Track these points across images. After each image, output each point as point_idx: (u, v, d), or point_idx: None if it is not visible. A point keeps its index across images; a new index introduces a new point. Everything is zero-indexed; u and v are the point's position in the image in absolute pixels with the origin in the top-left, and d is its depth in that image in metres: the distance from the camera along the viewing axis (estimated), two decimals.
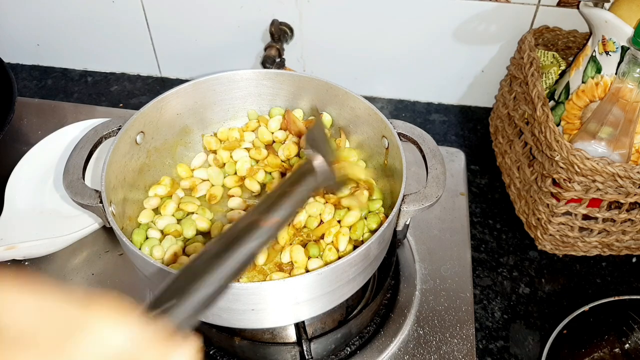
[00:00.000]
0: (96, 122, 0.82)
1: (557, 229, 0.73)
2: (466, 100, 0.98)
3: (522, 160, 0.78)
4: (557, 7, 0.82)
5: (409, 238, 0.75)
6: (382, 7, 0.85)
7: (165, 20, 0.93)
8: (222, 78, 0.66)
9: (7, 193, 0.75)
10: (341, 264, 0.49)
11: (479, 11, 0.84)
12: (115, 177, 0.58)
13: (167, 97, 0.63)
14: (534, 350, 0.67)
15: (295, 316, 0.54)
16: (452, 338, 0.66)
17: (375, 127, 0.63)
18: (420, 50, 0.91)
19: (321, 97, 0.67)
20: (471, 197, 0.83)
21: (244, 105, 0.70)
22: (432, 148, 0.59)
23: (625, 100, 0.64)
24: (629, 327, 0.66)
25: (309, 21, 0.89)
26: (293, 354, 0.61)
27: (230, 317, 0.52)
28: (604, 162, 0.62)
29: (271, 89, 0.69)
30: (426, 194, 0.56)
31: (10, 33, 1.01)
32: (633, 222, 0.71)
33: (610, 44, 0.67)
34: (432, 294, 0.70)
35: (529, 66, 0.74)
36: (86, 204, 0.54)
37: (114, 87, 1.02)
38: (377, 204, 0.63)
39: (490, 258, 0.76)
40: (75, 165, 0.57)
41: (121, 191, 0.60)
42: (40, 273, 0.71)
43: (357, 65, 0.94)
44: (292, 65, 0.95)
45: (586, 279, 0.75)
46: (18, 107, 0.79)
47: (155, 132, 0.65)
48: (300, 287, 0.50)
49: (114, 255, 0.73)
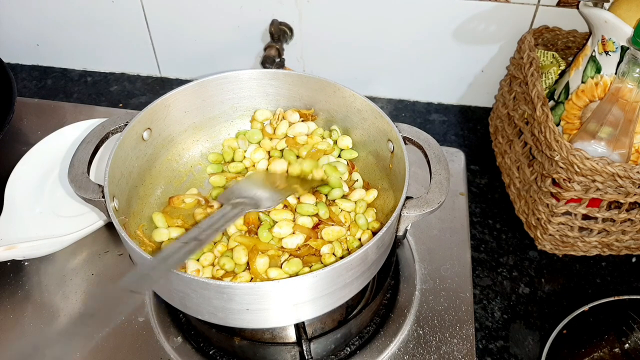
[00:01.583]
0: (96, 122, 0.83)
1: (557, 228, 0.73)
2: (466, 100, 0.98)
3: (521, 160, 0.78)
4: (556, 7, 0.82)
5: (408, 238, 0.75)
6: (381, 7, 0.85)
7: (165, 20, 0.93)
8: (230, 77, 0.67)
9: (7, 193, 0.75)
10: (337, 267, 0.49)
11: (479, 11, 0.84)
12: (120, 172, 0.59)
13: (174, 94, 0.64)
14: (533, 350, 0.67)
15: (291, 317, 0.54)
16: (452, 338, 0.66)
17: (381, 130, 0.63)
18: (420, 50, 0.91)
19: (328, 98, 0.67)
20: (471, 197, 0.83)
21: (250, 104, 0.70)
22: (437, 153, 0.59)
23: (625, 100, 0.64)
24: (628, 327, 0.66)
25: (308, 21, 0.89)
26: (293, 354, 0.61)
27: (225, 316, 0.52)
28: (603, 162, 0.62)
29: (278, 89, 0.69)
30: (428, 199, 0.55)
31: (10, 33, 1.01)
32: (633, 222, 0.71)
33: (610, 43, 0.67)
34: (432, 294, 0.70)
35: (529, 66, 0.74)
36: (89, 198, 0.54)
37: (114, 87, 1.02)
38: (369, 218, 0.63)
39: (490, 258, 0.76)
40: (81, 159, 0.57)
41: (126, 187, 0.61)
42: (40, 273, 0.71)
43: (357, 65, 0.94)
44: (292, 65, 0.95)
45: (586, 279, 0.75)
46: (18, 107, 0.79)
47: (163, 129, 0.65)
48: (294, 289, 0.50)
49: (114, 255, 0.73)
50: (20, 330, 0.66)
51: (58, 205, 0.76)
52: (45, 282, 0.70)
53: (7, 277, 0.70)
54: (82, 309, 0.68)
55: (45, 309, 0.68)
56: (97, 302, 0.59)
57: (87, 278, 0.70)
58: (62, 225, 0.73)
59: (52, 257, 0.72)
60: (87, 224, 0.73)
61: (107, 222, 0.74)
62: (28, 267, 0.72)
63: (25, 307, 0.68)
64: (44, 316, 0.67)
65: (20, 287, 0.70)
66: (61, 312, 0.67)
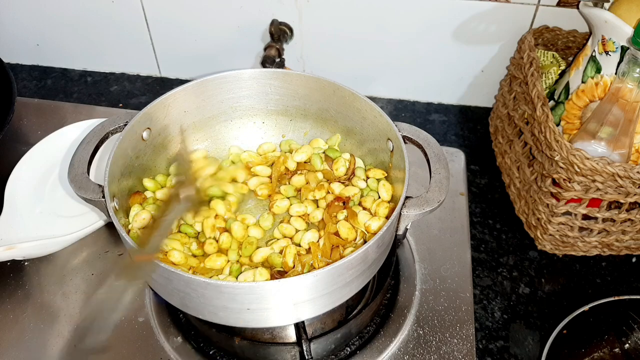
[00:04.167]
0: (96, 122, 0.82)
1: (557, 229, 0.73)
2: (466, 100, 0.98)
3: (522, 160, 0.78)
4: (557, 7, 0.82)
5: (408, 238, 0.75)
6: (381, 7, 0.85)
7: (165, 20, 0.93)
8: (229, 77, 0.67)
9: (7, 193, 0.75)
10: (337, 267, 0.49)
11: (479, 11, 0.84)
12: (120, 172, 0.59)
13: (174, 94, 0.64)
14: (533, 350, 0.67)
15: (292, 317, 0.54)
16: (452, 338, 0.66)
17: (381, 130, 0.63)
18: (420, 50, 0.91)
19: (328, 97, 0.67)
20: (471, 197, 0.83)
21: (250, 104, 0.70)
22: (437, 152, 0.59)
23: (625, 100, 0.64)
24: (628, 327, 0.66)
25: (308, 21, 0.89)
26: (293, 354, 0.61)
27: (226, 315, 0.52)
28: (603, 162, 0.62)
29: (278, 89, 0.69)
30: (428, 198, 0.55)
31: (10, 33, 1.01)
32: (633, 222, 0.71)
33: (610, 43, 0.67)
34: (432, 294, 0.70)
35: (529, 66, 0.74)
36: (89, 198, 0.55)
37: (114, 87, 1.02)
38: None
39: (490, 258, 0.76)
40: (81, 159, 0.57)
41: (126, 187, 0.61)
42: (40, 273, 0.71)
43: (356, 65, 0.94)
44: (292, 65, 0.95)
45: (586, 279, 0.75)
46: (18, 107, 0.79)
47: (162, 128, 0.65)
48: (295, 288, 0.50)
49: (114, 255, 0.73)
50: (20, 330, 0.66)
51: (58, 205, 0.76)
52: (45, 282, 0.70)
53: (7, 277, 0.70)
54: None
55: (45, 309, 0.68)
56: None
57: (87, 278, 0.70)
58: (62, 225, 0.73)
59: (52, 257, 0.72)
60: (87, 224, 0.73)
61: (107, 222, 0.74)
62: (28, 267, 0.72)
63: (25, 307, 0.68)
64: (44, 316, 0.67)
65: (20, 287, 0.70)
66: (61, 312, 0.67)
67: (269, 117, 0.72)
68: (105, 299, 0.69)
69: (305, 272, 0.56)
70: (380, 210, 0.62)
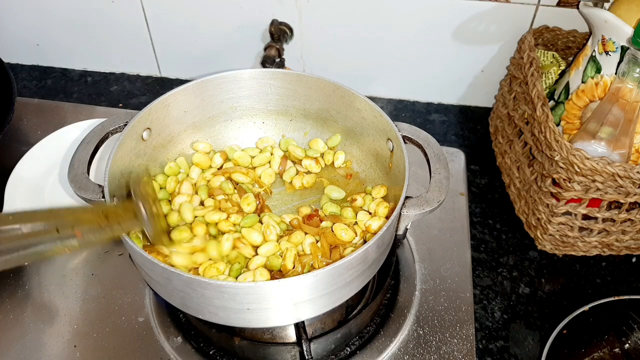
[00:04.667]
0: (96, 122, 0.82)
1: (557, 229, 0.73)
2: (466, 100, 0.98)
3: (522, 160, 0.78)
4: (556, 7, 0.82)
5: (408, 238, 0.75)
6: (381, 7, 0.85)
7: (165, 20, 0.93)
8: (229, 76, 0.67)
9: (7, 193, 0.75)
10: (337, 267, 0.49)
11: (479, 11, 0.84)
12: (120, 172, 0.59)
13: (174, 94, 0.64)
14: (533, 350, 0.67)
15: (292, 317, 0.54)
16: (452, 338, 0.66)
17: (381, 129, 0.63)
18: (420, 50, 0.91)
19: (328, 97, 0.67)
20: (471, 197, 0.83)
21: (250, 104, 0.70)
22: (437, 152, 0.59)
23: (625, 100, 0.64)
24: (628, 327, 0.66)
25: (308, 21, 0.89)
26: (293, 354, 0.61)
27: (226, 315, 0.52)
28: (603, 162, 0.62)
29: (278, 89, 0.69)
30: (428, 198, 0.55)
31: (10, 33, 1.01)
32: (633, 222, 0.71)
33: (610, 43, 0.67)
34: (432, 294, 0.70)
35: (529, 66, 0.74)
36: (89, 198, 0.55)
37: (114, 87, 1.02)
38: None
39: (490, 258, 0.76)
40: (81, 159, 0.57)
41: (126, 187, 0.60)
42: (40, 273, 0.71)
43: (356, 65, 0.94)
44: (292, 65, 0.95)
45: (586, 279, 0.75)
46: (18, 107, 0.79)
47: (162, 128, 0.65)
48: (295, 288, 0.50)
49: (114, 255, 0.73)
50: (20, 330, 0.66)
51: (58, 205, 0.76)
52: (45, 282, 0.70)
53: (7, 277, 0.70)
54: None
55: (45, 309, 0.68)
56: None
57: (87, 278, 0.70)
58: None
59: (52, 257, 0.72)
60: None
61: None
62: (28, 267, 0.72)
63: (25, 307, 0.68)
64: (44, 316, 0.67)
65: (20, 287, 0.70)
66: (61, 312, 0.67)
67: (269, 117, 0.72)
68: (105, 299, 0.69)
69: (305, 272, 0.56)
70: (380, 210, 0.62)
